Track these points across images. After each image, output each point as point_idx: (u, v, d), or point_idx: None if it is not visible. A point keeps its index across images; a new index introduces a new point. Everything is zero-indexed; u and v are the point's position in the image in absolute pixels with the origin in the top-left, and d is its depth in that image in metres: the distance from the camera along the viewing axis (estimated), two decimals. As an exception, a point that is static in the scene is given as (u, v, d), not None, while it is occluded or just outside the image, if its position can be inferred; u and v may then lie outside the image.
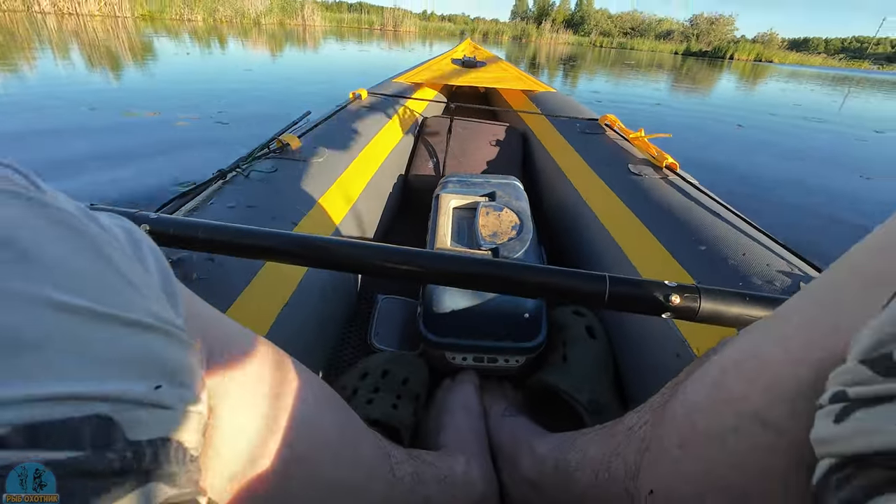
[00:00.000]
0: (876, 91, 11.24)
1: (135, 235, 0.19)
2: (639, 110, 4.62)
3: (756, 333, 0.25)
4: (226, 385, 0.23)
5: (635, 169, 0.95)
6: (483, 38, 29.55)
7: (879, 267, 0.18)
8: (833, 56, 53.48)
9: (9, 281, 0.13)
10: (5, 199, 0.15)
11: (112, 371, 0.14)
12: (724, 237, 0.66)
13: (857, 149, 3.62)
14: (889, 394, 0.13)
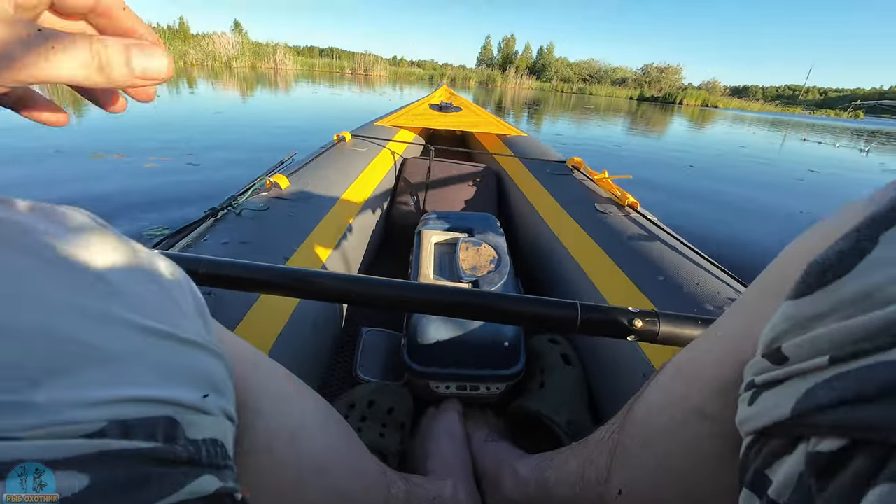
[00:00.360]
0: (808, 133, 12.35)
1: (171, 266, 0.22)
2: (600, 151, 4.91)
3: (696, 345, 0.31)
4: (249, 398, 0.26)
5: (601, 207, 1.04)
6: (451, 83, 30.91)
7: (780, 282, 0.23)
8: (770, 102, 58.93)
9: (101, 305, 0.17)
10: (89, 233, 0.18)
11: (175, 381, 0.18)
12: (680, 268, 0.74)
13: (797, 187, 3.97)
14: (779, 378, 0.17)
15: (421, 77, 33.74)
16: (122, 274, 0.18)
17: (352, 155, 1.36)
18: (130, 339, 0.17)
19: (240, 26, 30.39)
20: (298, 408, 0.32)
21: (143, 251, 0.21)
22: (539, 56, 51.85)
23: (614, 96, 34.38)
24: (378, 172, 1.38)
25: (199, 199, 1.83)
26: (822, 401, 0.15)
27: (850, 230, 0.17)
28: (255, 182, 0.95)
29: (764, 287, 0.26)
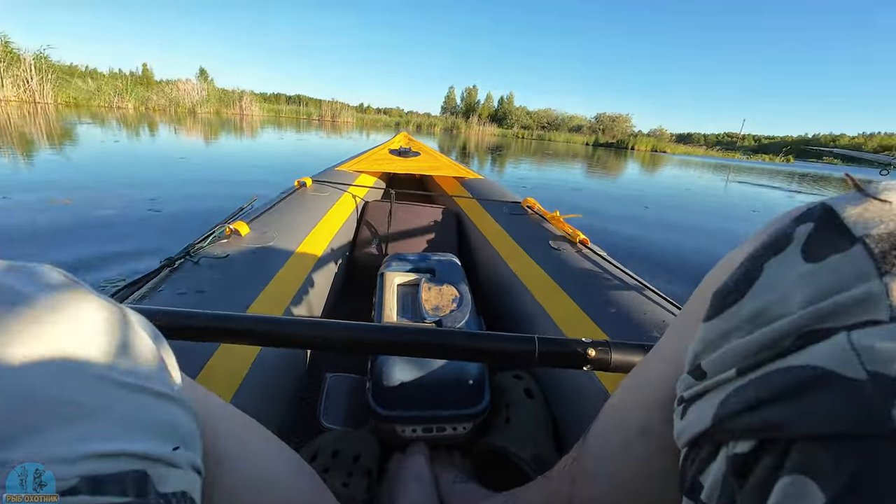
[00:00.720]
0: (746, 176, 13.43)
1: (141, 319, 0.23)
2: (561, 192, 5.16)
3: (638, 368, 0.34)
4: (215, 450, 0.26)
5: (554, 244, 1.10)
6: (417, 129, 31.90)
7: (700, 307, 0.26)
8: (712, 148, 64.08)
9: (77, 361, 0.17)
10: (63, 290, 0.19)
11: (146, 434, 0.18)
12: (629, 298, 0.79)
13: (740, 225, 4.28)
14: (701, 391, 0.20)
15: (387, 124, 34.65)
16: (96, 329, 0.19)
17: (313, 200, 1.37)
18: (104, 393, 0.17)
19: (205, 73, 30.52)
20: (263, 458, 0.32)
21: (115, 306, 0.21)
22: (500, 105, 54.74)
23: (572, 142, 36.47)
24: (339, 216, 1.40)
25: (158, 248, 1.78)
26: (734, 408, 0.17)
27: (744, 260, 0.21)
28: (214, 230, 0.95)
29: (689, 312, 0.28)
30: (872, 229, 0.18)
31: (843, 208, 0.20)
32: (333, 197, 1.46)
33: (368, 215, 1.51)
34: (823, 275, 0.18)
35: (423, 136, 20.42)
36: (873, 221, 0.19)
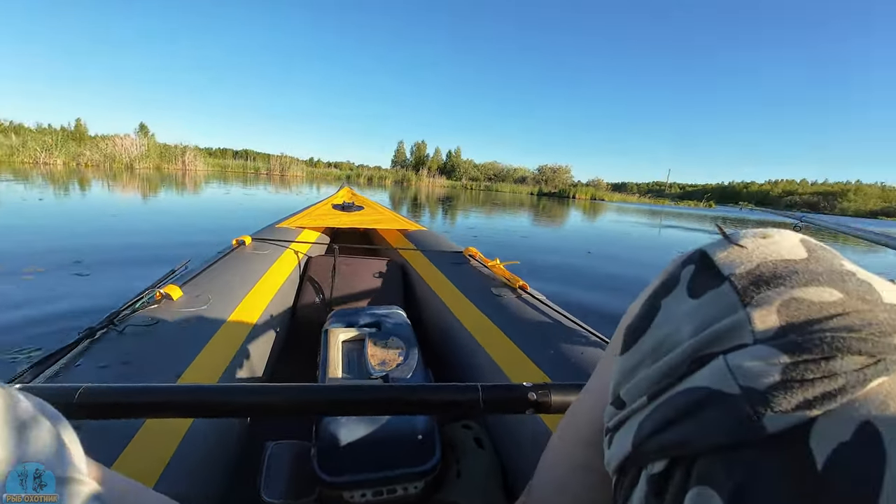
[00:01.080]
0: (676, 220, 14.63)
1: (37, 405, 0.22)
2: (511, 238, 5.34)
3: (573, 405, 0.35)
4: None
5: (496, 291, 1.14)
6: (368, 182, 32.35)
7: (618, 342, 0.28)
8: (644, 195, 69.81)
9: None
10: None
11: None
12: (567, 340, 0.83)
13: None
14: (622, 419, 0.22)
15: (338, 177, 34.88)
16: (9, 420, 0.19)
17: (252, 258, 1.34)
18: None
19: (146, 129, 29.66)
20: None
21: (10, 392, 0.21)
22: (448, 158, 57.10)
23: (517, 192, 38.32)
24: (281, 274, 1.37)
25: (83, 315, 1.64)
26: (647, 431, 0.20)
27: (646, 299, 0.25)
28: (142, 294, 0.90)
29: (611, 349, 0.32)
30: (736, 269, 0.22)
31: (715, 252, 0.25)
32: (274, 254, 1.43)
33: (312, 271, 1.49)
34: (703, 309, 0.22)
35: (374, 189, 20.74)
36: (736, 262, 0.23)
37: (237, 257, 1.31)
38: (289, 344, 1.28)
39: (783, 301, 0.20)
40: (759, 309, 0.20)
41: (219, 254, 1.32)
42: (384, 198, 13.61)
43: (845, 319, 0.19)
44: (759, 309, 0.20)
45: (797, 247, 0.25)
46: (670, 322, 0.23)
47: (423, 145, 59.15)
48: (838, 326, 0.19)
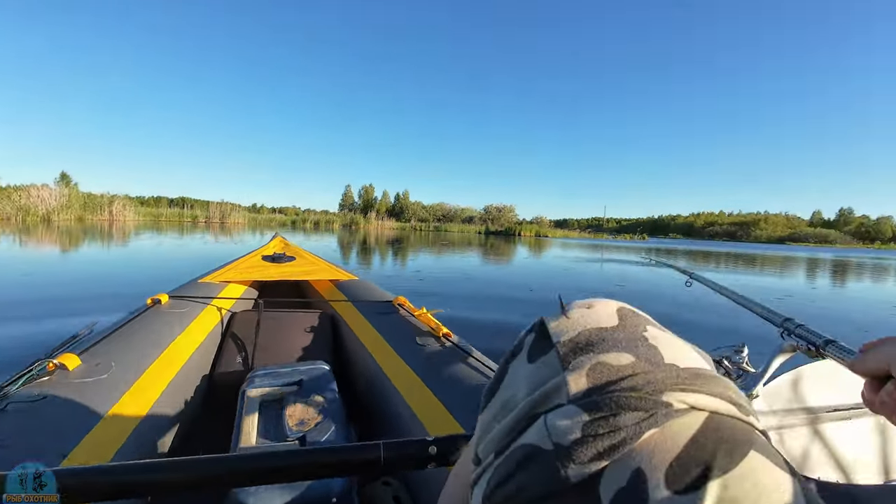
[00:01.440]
0: (615, 253, 15.52)
1: None
2: (452, 279, 5.41)
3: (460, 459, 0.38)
4: None
5: (420, 340, 1.16)
6: (315, 227, 31.76)
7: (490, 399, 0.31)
8: (584, 230, 73.86)
9: None
10: None
11: None
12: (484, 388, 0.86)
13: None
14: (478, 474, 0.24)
15: (283, 223, 34.01)
16: None
17: (167, 318, 1.27)
18: None
19: (67, 178, 27.53)
20: None
21: None
22: (397, 200, 57.68)
23: (465, 232, 39.25)
24: (199, 334, 1.31)
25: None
26: (494, 485, 0.22)
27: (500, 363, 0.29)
28: (32, 367, 0.83)
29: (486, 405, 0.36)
30: (562, 337, 0.26)
31: (549, 322, 0.29)
32: (193, 313, 1.36)
33: (235, 328, 1.43)
34: (537, 372, 0.25)
35: (321, 234, 20.37)
36: (563, 331, 0.27)
37: (150, 318, 1.23)
38: (204, 411, 1.21)
39: (591, 365, 0.24)
40: (574, 372, 0.23)
41: (130, 314, 1.23)
42: (332, 242, 13.40)
43: (632, 380, 0.23)
44: (574, 372, 0.23)
45: (612, 316, 0.30)
46: (514, 384, 0.26)
47: (370, 188, 59.49)
48: (626, 387, 0.22)
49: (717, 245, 40.22)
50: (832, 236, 71.35)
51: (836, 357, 0.50)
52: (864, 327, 3.75)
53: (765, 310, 0.80)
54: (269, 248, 2.55)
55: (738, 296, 0.92)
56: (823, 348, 0.56)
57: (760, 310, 0.81)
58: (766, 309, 0.80)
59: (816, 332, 0.62)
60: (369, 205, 55.94)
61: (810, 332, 0.63)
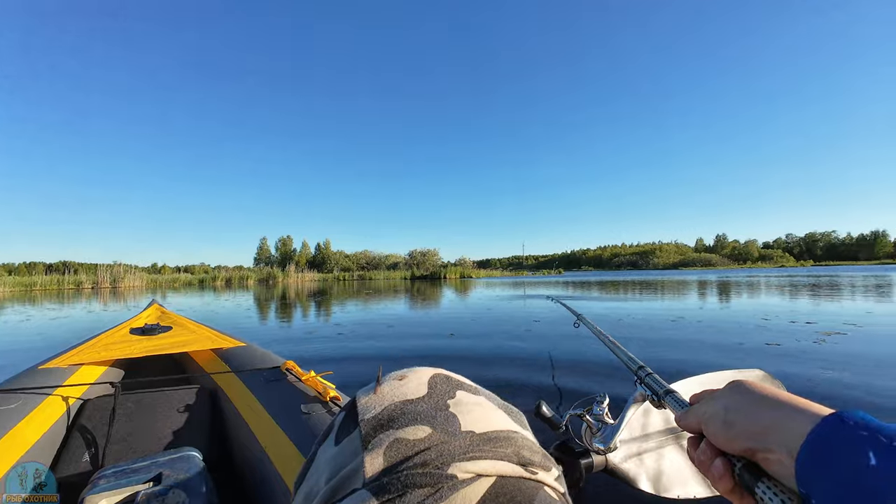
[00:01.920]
0: (535, 289, 16.26)
1: None
2: (371, 332, 5.26)
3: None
4: None
5: (306, 408, 1.08)
6: (227, 284, 29.41)
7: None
8: (506, 269, 77.10)
9: None
10: None
11: None
12: None
13: (524, 334, 5.01)
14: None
15: (189, 282, 31.00)
16: None
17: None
18: None
19: None
20: None
21: None
22: (318, 251, 55.87)
23: (391, 278, 38.83)
24: (32, 433, 1.08)
25: None
26: None
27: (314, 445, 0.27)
28: None
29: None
30: (367, 414, 0.25)
31: (360, 397, 0.27)
32: (25, 408, 1.13)
33: (84, 420, 1.20)
34: (340, 455, 0.24)
35: (235, 291, 18.88)
36: (369, 407, 0.26)
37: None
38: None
39: (389, 443, 0.23)
40: (371, 453, 0.23)
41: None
42: (246, 300, 12.46)
43: (425, 455, 0.22)
44: (371, 453, 0.23)
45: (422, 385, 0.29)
46: (318, 470, 0.25)
47: (289, 239, 57.20)
48: (416, 463, 0.22)
49: (622, 274, 44.18)
50: (714, 259, 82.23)
51: (672, 409, 0.50)
52: (739, 340, 4.24)
53: (626, 356, 0.80)
54: (141, 318, 2.23)
55: (609, 341, 0.93)
56: (663, 398, 0.56)
57: (624, 357, 0.81)
58: (627, 356, 0.80)
59: (660, 382, 0.62)
60: (288, 257, 53.54)
61: (655, 382, 0.63)
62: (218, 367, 1.54)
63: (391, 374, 0.30)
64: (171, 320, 2.14)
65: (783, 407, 0.29)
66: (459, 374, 0.35)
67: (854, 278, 19.00)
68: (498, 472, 0.23)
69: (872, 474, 0.22)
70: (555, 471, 0.29)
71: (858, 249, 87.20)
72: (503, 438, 0.26)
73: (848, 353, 3.51)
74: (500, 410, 0.31)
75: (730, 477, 0.31)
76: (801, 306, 7.65)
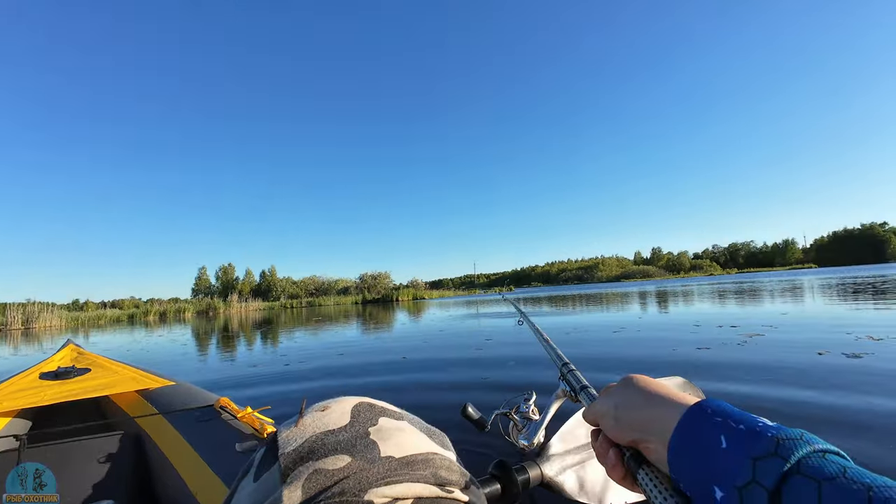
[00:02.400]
0: (489, 307, 16.44)
1: None
2: (322, 360, 5.08)
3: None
4: None
5: (241, 447, 1.02)
6: (161, 319, 27.23)
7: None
8: (458, 288, 77.63)
9: None
10: None
11: None
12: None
13: (474, 357, 5.05)
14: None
15: (117, 319, 28.30)
16: None
17: None
18: None
19: None
20: None
21: None
22: (263, 278, 53.34)
23: (341, 303, 37.71)
24: None
25: None
26: None
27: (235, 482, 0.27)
28: None
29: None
30: (287, 448, 0.25)
31: (282, 431, 0.27)
32: None
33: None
34: (258, 492, 0.24)
35: (170, 325, 17.49)
36: (289, 441, 0.25)
37: None
38: None
39: (308, 475, 0.23)
40: (290, 486, 0.23)
41: None
42: (182, 334, 11.58)
43: (342, 484, 0.23)
44: (290, 486, 0.23)
45: (345, 415, 0.29)
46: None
47: (230, 268, 54.22)
48: (335, 492, 0.22)
49: (570, 288, 45.89)
50: (651, 271, 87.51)
51: (584, 404, 0.52)
52: (674, 346, 4.53)
53: (555, 353, 0.80)
54: (54, 361, 2.01)
55: (543, 339, 0.93)
56: (578, 394, 0.58)
57: (552, 354, 0.81)
58: (556, 353, 0.80)
59: (578, 378, 0.63)
60: (230, 286, 50.69)
61: (574, 378, 0.64)
62: (143, 410, 1.41)
63: (315, 406, 0.31)
64: (89, 361, 1.93)
65: (663, 400, 0.32)
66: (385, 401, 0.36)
67: (771, 283, 20.92)
68: (415, 493, 0.24)
69: (723, 456, 0.24)
70: (473, 488, 0.31)
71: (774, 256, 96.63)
72: (421, 461, 0.27)
73: (765, 351, 3.86)
74: (421, 434, 0.32)
75: (621, 466, 0.34)
76: (728, 311, 8.30)
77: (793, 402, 2.42)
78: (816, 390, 2.59)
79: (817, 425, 2.00)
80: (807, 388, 2.65)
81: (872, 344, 3.94)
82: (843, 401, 2.38)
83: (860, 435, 1.88)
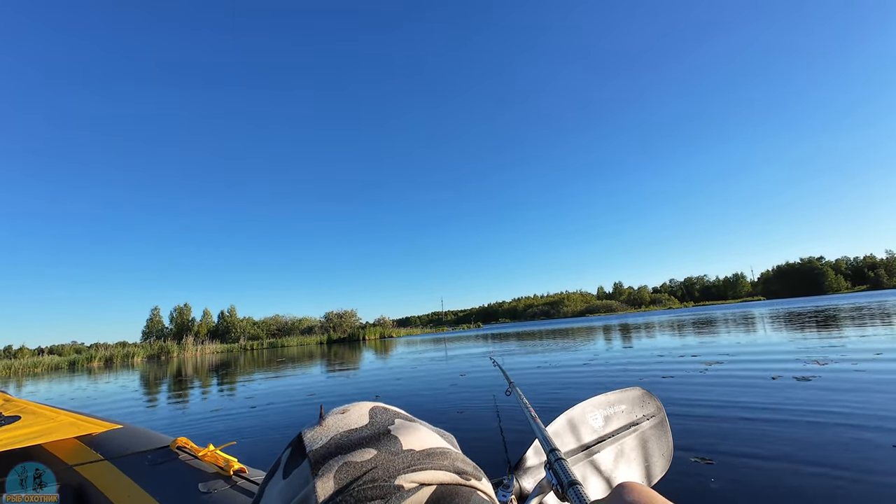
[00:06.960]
0: (458, 344, 16.29)
1: None
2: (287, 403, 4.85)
3: None
4: None
5: (205, 487, 0.95)
6: (107, 364, 25.21)
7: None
8: (426, 326, 76.62)
9: None
10: None
11: None
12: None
13: (450, 389, 4.97)
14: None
15: (56, 366, 25.96)
16: None
17: None
18: None
19: None
20: None
21: None
22: (221, 319, 50.84)
23: (306, 343, 36.34)
24: None
25: None
26: None
27: (261, 485, 0.29)
28: None
29: None
30: (314, 445, 0.27)
31: (306, 433, 0.29)
32: None
33: None
34: (289, 487, 0.25)
35: (118, 371, 16.20)
36: (316, 439, 0.28)
37: None
38: None
39: (339, 467, 0.25)
40: (322, 478, 0.25)
41: None
42: (130, 381, 10.75)
43: (373, 473, 0.25)
44: (322, 478, 0.25)
45: (364, 416, 0.32)
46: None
47: (186, 308, 51.44)
48: (367, 479, 0.25)
49: (537, 324, 46.30)
50: (614, 305, 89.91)
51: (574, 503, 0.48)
52: (640, 375, 4.64)
53: (542, 435, 0.76)
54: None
55: (532, 416, 0.88)
56: (567, 490, 0.53)
57: (540, 436, 0.77)
58: (543, 435, 0.76)
59: (567, 471, 0.58)
60: (185, 328, 47.92)
61: (562, 470, 0.59)
62: (86, 457, 1.28)
63: (333, 410, 0.33)
64: (18, 409, 1.73)
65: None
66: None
67: (725, 315, 21.97)
68: (438, 480, 0.27)
69: None
70: (485, 480, 0.34)
71: (726, 289, 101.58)
72: (440, 453, 0.30)
73: (725, 378, 4.04)
74: (434, 433, 0.35)
75: None
76: (688, 342, 8.62)
77: (753, 421, 2.61)
78: (772, 412, 2.80)
79: (775, 441, 2.11)
80: (764, 410, 2.84)
81: (818, 368, 4.22)
82: (796, 417, 2.62)
83: (813, 447, 1.98)
